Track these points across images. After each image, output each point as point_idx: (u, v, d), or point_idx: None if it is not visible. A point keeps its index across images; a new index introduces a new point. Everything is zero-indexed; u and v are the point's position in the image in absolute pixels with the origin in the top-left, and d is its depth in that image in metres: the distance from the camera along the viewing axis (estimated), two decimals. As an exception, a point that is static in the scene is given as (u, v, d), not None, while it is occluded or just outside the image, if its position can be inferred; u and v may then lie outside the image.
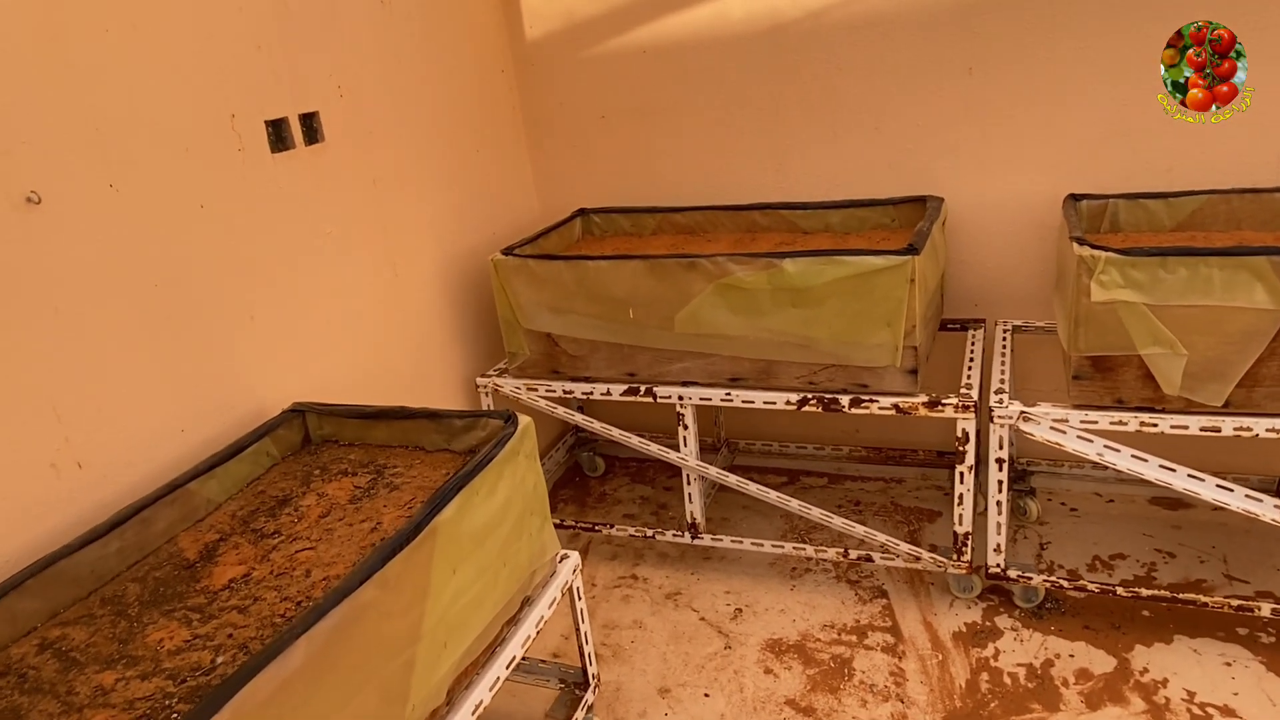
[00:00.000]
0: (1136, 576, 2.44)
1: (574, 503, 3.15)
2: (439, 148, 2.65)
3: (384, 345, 2.43)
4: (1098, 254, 1.94)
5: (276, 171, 2.05)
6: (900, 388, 2.24)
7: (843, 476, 3.11)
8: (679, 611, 2.52)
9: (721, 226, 2.85)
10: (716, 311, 2.32)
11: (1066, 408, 2.10)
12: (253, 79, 1.98)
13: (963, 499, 2.26)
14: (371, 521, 1.64)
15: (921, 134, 2.64)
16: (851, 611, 2.44)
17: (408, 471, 1.81)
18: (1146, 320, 1.94)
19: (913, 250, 2.11)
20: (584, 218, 3.00)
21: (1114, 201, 2.41)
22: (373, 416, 1.91)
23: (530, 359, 2.60)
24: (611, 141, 3.00)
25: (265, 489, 1.81)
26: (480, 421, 1.81)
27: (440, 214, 2.66)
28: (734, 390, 2.40)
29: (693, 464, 2.50)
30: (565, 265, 2.44)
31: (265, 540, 1.62)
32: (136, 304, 1.73)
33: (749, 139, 2.83)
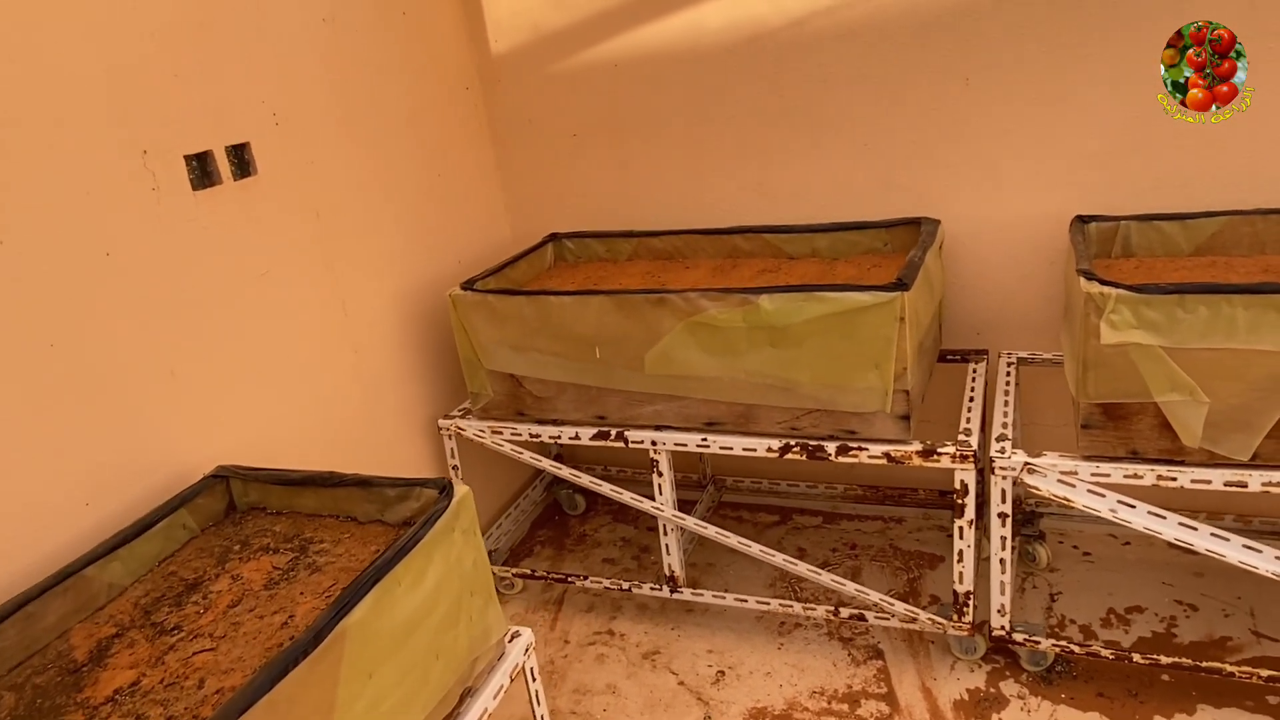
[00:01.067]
0: (1155, 634, 2.22)
1: (551, 545, 2.96)
2: (395, 173, 2.46)
3: (334, 391, 2.24)
4: (1108, 291, 1.73)
5: (199, 210, 1.87)
6: (892, 434, 2.04)
7: (839, 515, 2.91)
8: (657, 674, 2.32)
9: (701, 252, 2.65)
10: (689, 351, 2.13)
11: (1075, 458, 1.90)
12: (169, 111, 1.80)
13: (963, 555, 2.05)
14: (284, 614, 1.45)
15: (915, 150, 2.43)
16: (844, 675, 2.24)
17: (334, 548, 1.62)
18: (1163, 364, 1.73)
19: (902, 285, 1.91)
20: (556, 243, 2.81)
21: (1125, 223, 2.20)
22: (299, 483, 1.73)
23: (494, 400, 2.41)
24: (585, 161, 2.80)
25: (177, 569, 1.63)
26: (414, 491, 1.62)
27: (398, 244, 2.48)
28: (710, 435, 2.20)
29: (668, 514, 2.31)
30: (526, 301, 2.25)
31: (164, 637, 1.44)
32: (28, 367, 1.55)
33: (730, 157, 2.63)
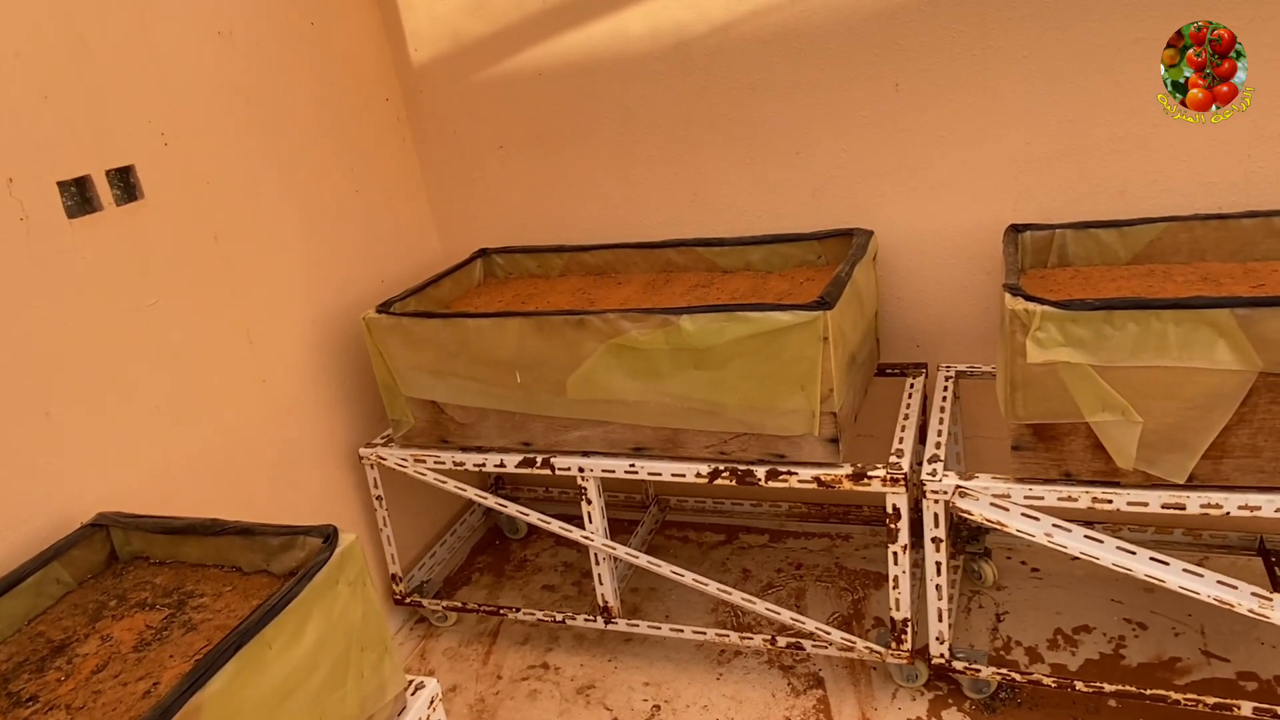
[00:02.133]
0: (1103, 655, 2.15)
1: (490, 571, 2.86)
2: (307, 191, 2.35)
3: (240, 426, 2.13)
4: (1033, 308, 1.65)
5: (77, 239, 1.75)
6: (820, 457, 1.95)
7: (785, 534, 2.82)
8: (590, 710, 2.22)
9: (634, 266, 2.56)
10: (612, 375, 2.03)
11: (1009, 481, 1.82)
12: (38, 135, 1.68)
13: (898, 581, 1.97)
14: (149, 680, 1.34)
15: (847, 158, 2.35)
16: (782, 706, 2.15)
17: (214, 603, 1.51)
18: (1093, 383, 1.65)
19: (824, 304, 1.82)
20: (485, 259, 2.70)
21: (1061, 232, 2.12)
22: (181, 532, 1.61)
23: (416, 427, 2.31)
24: (512, 174, 2.70)
25: (45, 629, 1.51)
26: (298, 540, 1.51)
27: (312, 265, 2.36)
28: (638, 461, 2.11)
29: (599, 544, 2.21)
30: (442, 324, 2.15)
31: (18, 709, 1.33)
32: (-128, 418, 1.43)
33: (660, 168, 2.53)
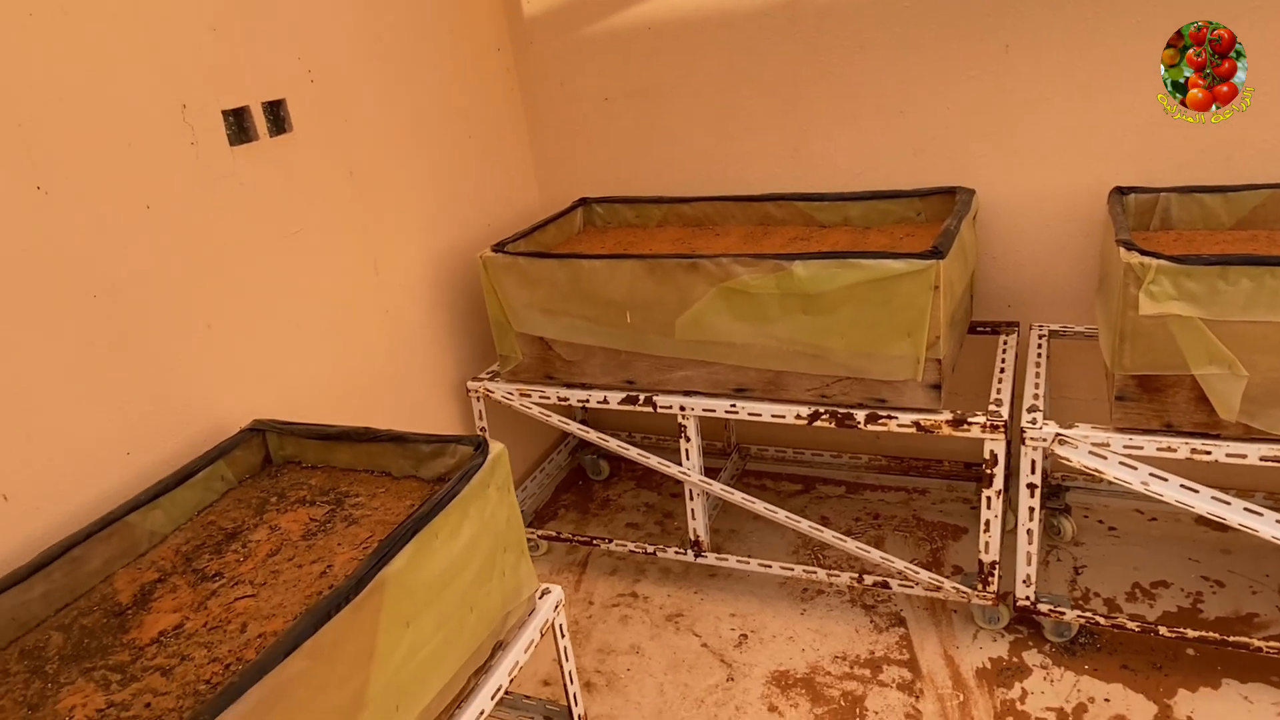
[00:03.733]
0: (1181, 609, 2.22)
1: (575, 509, 2.98)
2: (427, 135, 2.46)
3: (364, 350, 2.26)
4: (1148, 262, 1.71)
5: (237, 165, 1.88)
6: (922, 403, 2.04)
7: (862, 486, 2.91)
8: (680, 636, 2.35)
9: (732, 219, 2.64)
10: (720, 317, 2.12)
11: (1108, 430, 1.89)
12: (207, 65, 1.81)
13: (989, 525, 2.05)
14: (322, 564, 1.47)
15: (952, 118, 2.40)
16: (866, 641, 2.25)
17: (369, 502, 1.64)
18: (1202, 337, 1.71)
19: (938, 253, 1.90)
20: (586, 208, 2.80)
21: (1165, 195, 2.16)
22: (335, 438, 1.75)
23: (523, 363, 2.42)
24: (616, 126, 2.79)
25: (216, 519, 1.66)
26: (449, 448, 1.64)
27: (430, 206, 2.48)
28: (739, 402, 2.21)
29: (695, 479, 2.32)
30: (558, 264, 2.25)
31: (205, 584, 1.47)
32: (71, 317, 1.57)
33: (763, 124, 2.61)
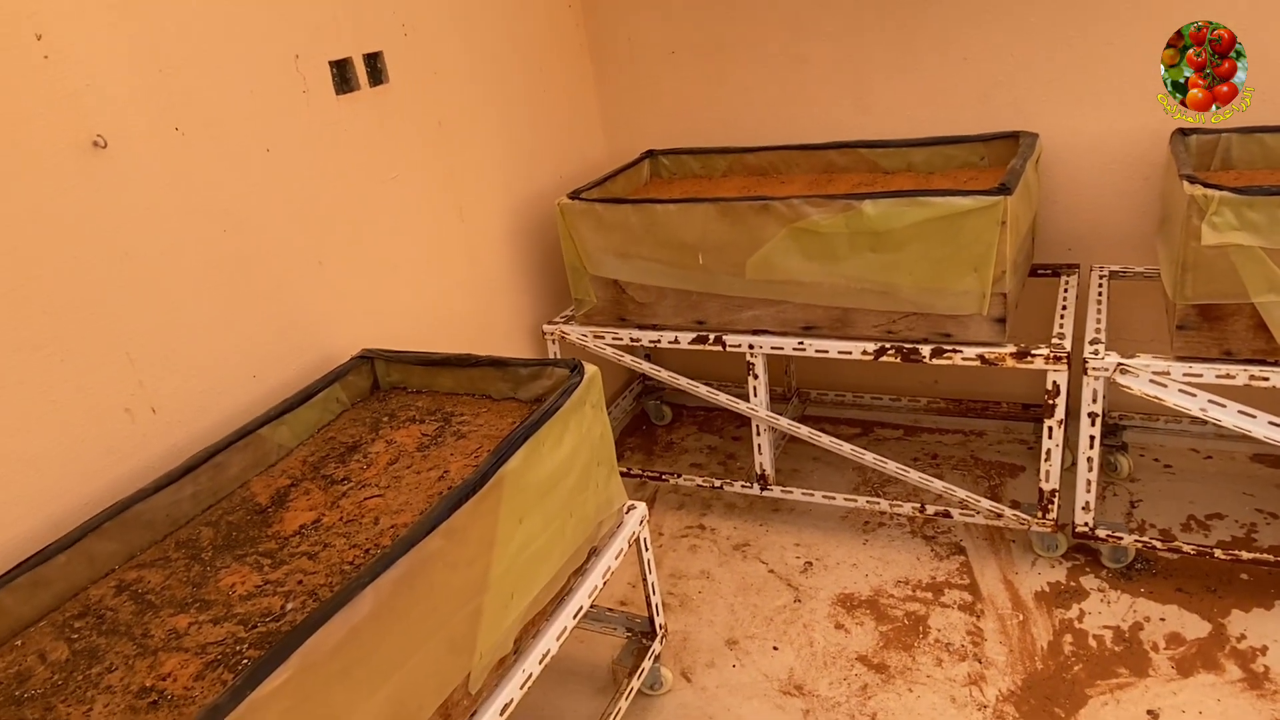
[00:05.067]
0: (1235, 538, 2.30)
1: (640, 451, 3.12)
2: (506, 88, 2.58)
3: (450, 291, 2.40)
4: (1210, 193, 1.78)
5: (341, 114, 2.01)
6: (987, 337, 2.13)
7: (919, 429, 3.01)
8: (747, 563, 2.48)
9: (796, 167, 2.73)
10: (790, 257, 2.23)
11: (1168, 359, 1.97)
12: (315, 18, 1.94)
13: (1050, 454, 2.15)
14: (439, 470, 1.62)
15: (1014, 63, 2.46)
16: (927, 568, 2.36)
17: (474, 420, 1.78)
18: (1263, 265, 1.78)
19: (1005, 190, 1.98)
20: (652, 160, 2.91)
21: (1226, 136, 2.21)
22: (439, 364, 1.89)
23: (597, 306, 2.55)
24: (681, 79, 2.88)
25: (335, 435, 1.81)
26: (546, 370, 1.77)
27: (507, 157, 2.60)
28: (807, 340, 2.31)
29: (763, 414, 2.43)
30: (633, 209, 2.37)
31: (335, 486, 1.62)
32: (205, 250, 1.72)
33: (826, 73, 2.69)
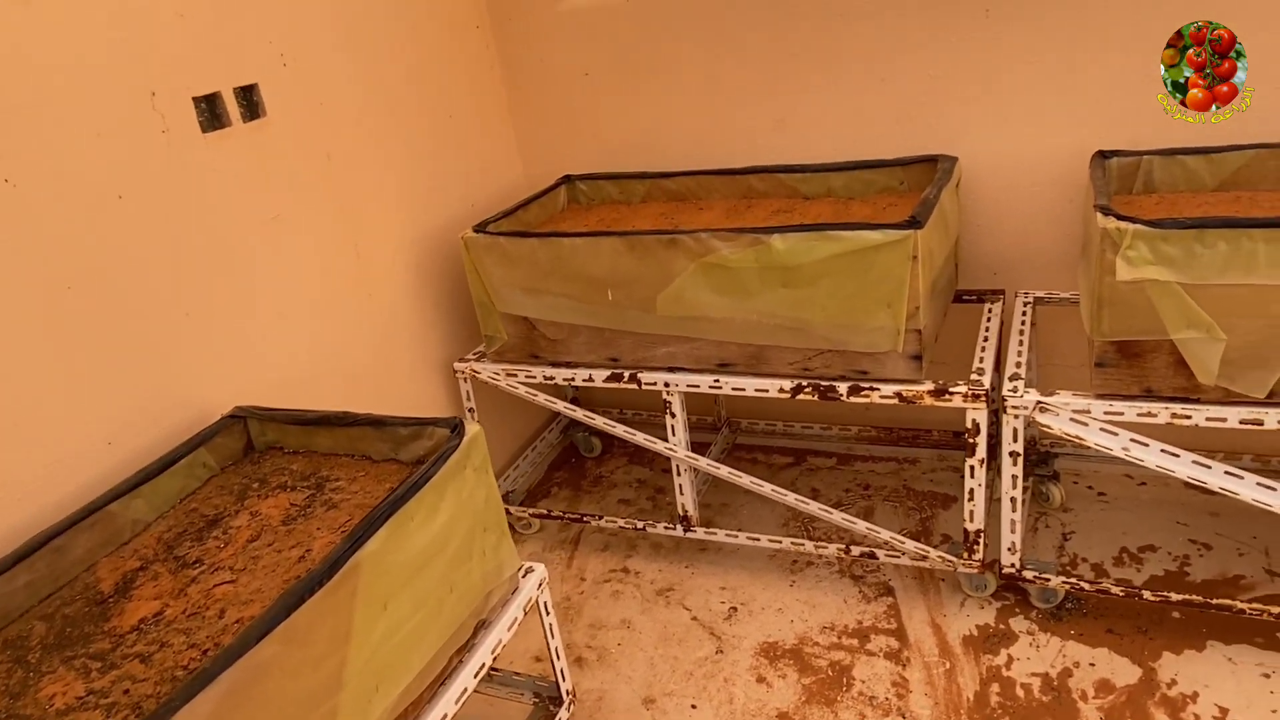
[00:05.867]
0: (1167, 572, 2.23)
1: (568, 486, 3.00)
2: (405, 116, 2.44)
3: (348, 334, 2.26)
4: (1125, 226, 1.70)
5: (210, 153, 1.87)
6: (903, 374, 2.04)
7: (852, 457, 2.92)
8: (670, 610, 2.37)
9: (715, 193, 2.63)
10: (701, 292, 2.12)
11: (1089, 397, 1.88)
12: (174, 51, 1.79)
13: (973, 494, 2.06)
14: (301, 548, 1.49)
15: (934, 85, 2.37)
16: (854, 611, 2.27)
17: (350, 485, 1.65)
18: (1180, 301, 1.70)
19: (915, 223, 1.88)
20: (569, 185, 2.79)
21: (1148, 158, 2.14)
22: (315, 423, 1.76)
23: (508, 343, 2.43)
24: (596, 102, 2.77)
25: (198, 506, 1.67)
26: (426, 430, 1.65)
27: (410, 187, 2.47)
28: (723, 377, 2.21)
29: (681, 455, 2.33)
30: (539, 243, 2.25)
31: (186, 570, 1.49)
32: (48, 309, 1.57)
33: (745, 95, 2.58)
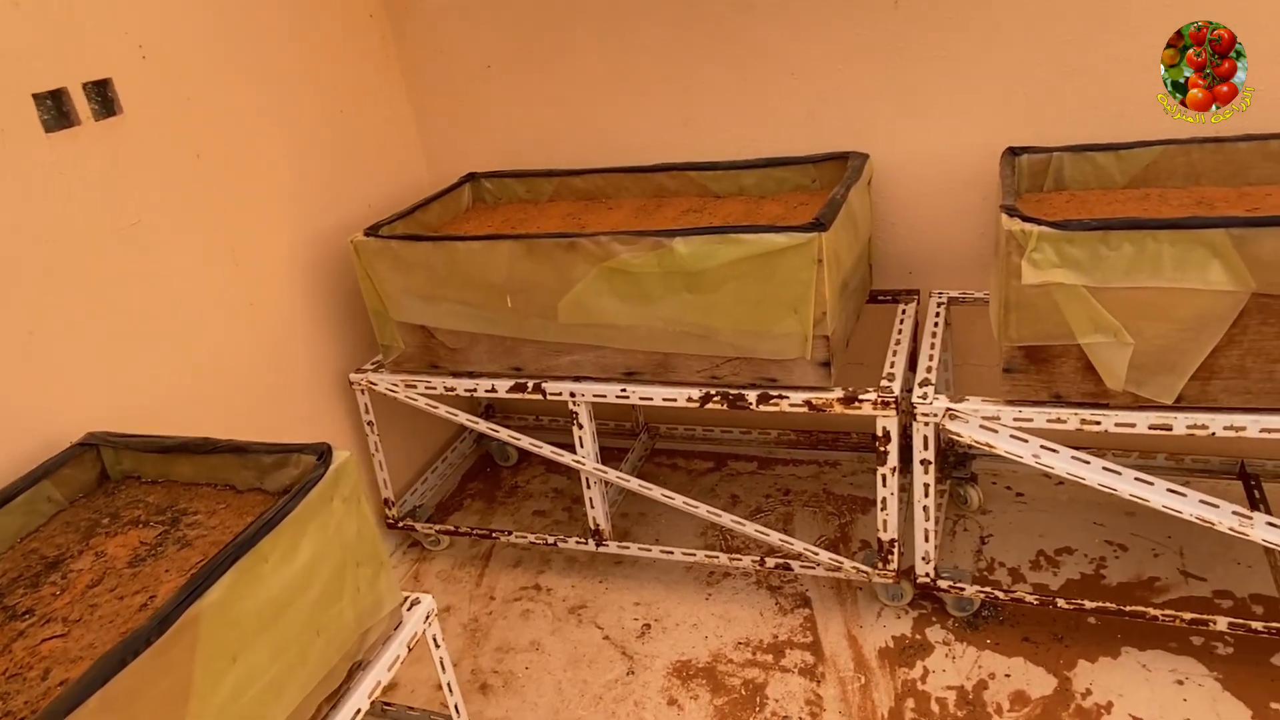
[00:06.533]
0: (1084, 575, 2.20)
1: (482, 498, 2.88)
2: (292, 110, 2.29)
3: (226, 347, 2.11)
4: (1030, 228, 1.64)
5: (55, 155, 1.71)
6: (812, 381, 1.96)
7: (773, 460, 2.85)
8: (582, 629, 2.27)
9: (625, 191, 2.52)
10: (603, 299, 2.01)
11: (998, 403, 1.83)
12: (10, 45, 1.62)
13: (886, 503, 1.99)
14: (146, 594, 1.35)
15: (843, 79, 2.30)
16: (770, 624, 2.19)
17: (208, 520, 1.51)
18: (1087, 305, 1.65)
19: (819, 225, 1.80)
20: (474, 184, 2.66)
21: (1058, 155, 2.10)
22: (173, 450, 1.61)
23: (406, 353, 2.29)
24: (500, 95, 2.64)
25: (38, 546, 1.51)
26: (292, 458, 1.51)
27: (296, 188, 2.32)
28: (630, 386, 2.11)
29: (590, 468, 2.22)
30: (433, 247, 2.12)
31: (14, 622, 1.33)
32: None
33: (651, 91, 2.48)
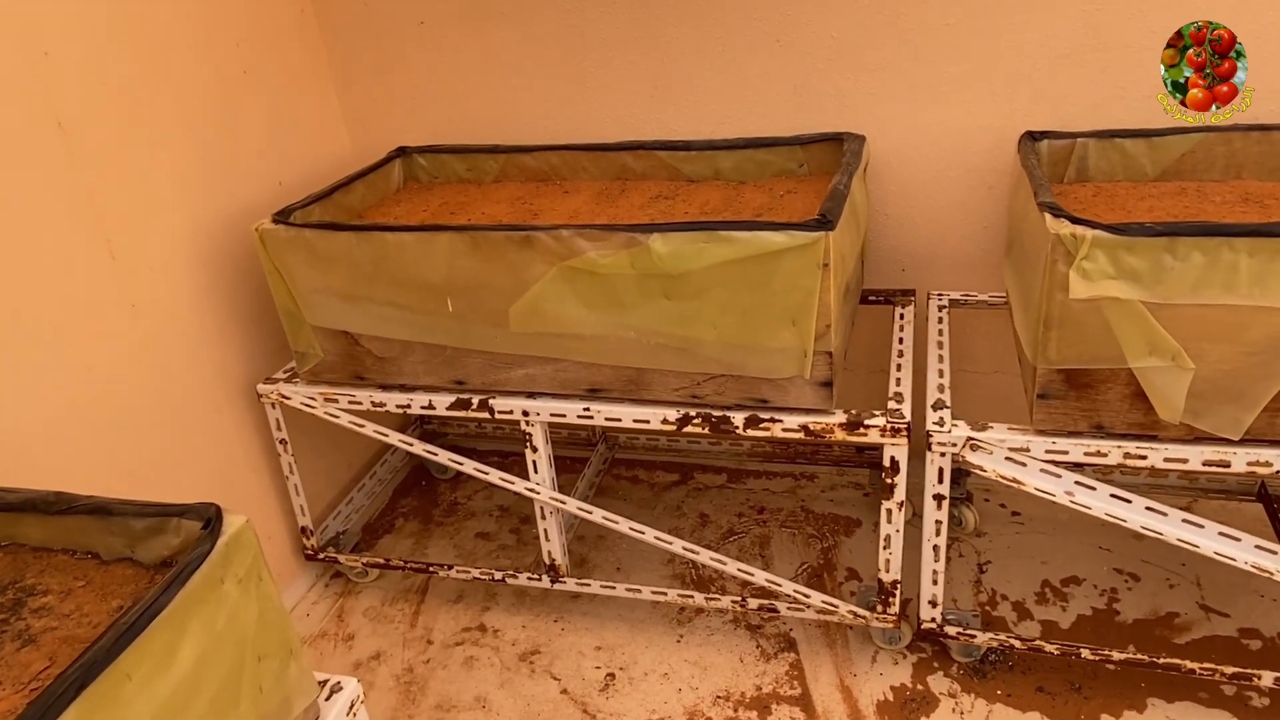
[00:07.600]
0: (1096, 610, 1.98)
1: (417, 517, 2.54)
2: (180, 71, 1.89)
3: (107, 359, 1.73)
4: (1082, 233, 1.37)
5: None
6: (810, 403, 1.68)
7: (744, 473, 2.58)
8: (535, 680, 1.97)
9: (584, 172, 2.19)
10: (564, 304, 1.70)
11: (1028, 432, 1.58)
12: None
13: (890, 541, 1.74)
14: (-38, 722, 1.00)
15: (836, 50, 2.01)
16: (752, 673, 1.93)
17: (61, 604, 1.16)
18: (1143, 323, 1.40)
19: (826, 223, 1.52)
20: (405, 159, 2.30)
21: (1082, 141, 1.85)
22: (15, 509, 1.25)
23: (325, 361, 1.94)
24: (436, 57, 2.28)
25: None
26: (170, 523, 1.16)
27: (191, 163, 1.93)
28: (594, 404, 1.80)
29: (545, 497, 1.91)
30: (356, 239, 1.77)
31: None
32: None
33: (615, 56, 2.15)
